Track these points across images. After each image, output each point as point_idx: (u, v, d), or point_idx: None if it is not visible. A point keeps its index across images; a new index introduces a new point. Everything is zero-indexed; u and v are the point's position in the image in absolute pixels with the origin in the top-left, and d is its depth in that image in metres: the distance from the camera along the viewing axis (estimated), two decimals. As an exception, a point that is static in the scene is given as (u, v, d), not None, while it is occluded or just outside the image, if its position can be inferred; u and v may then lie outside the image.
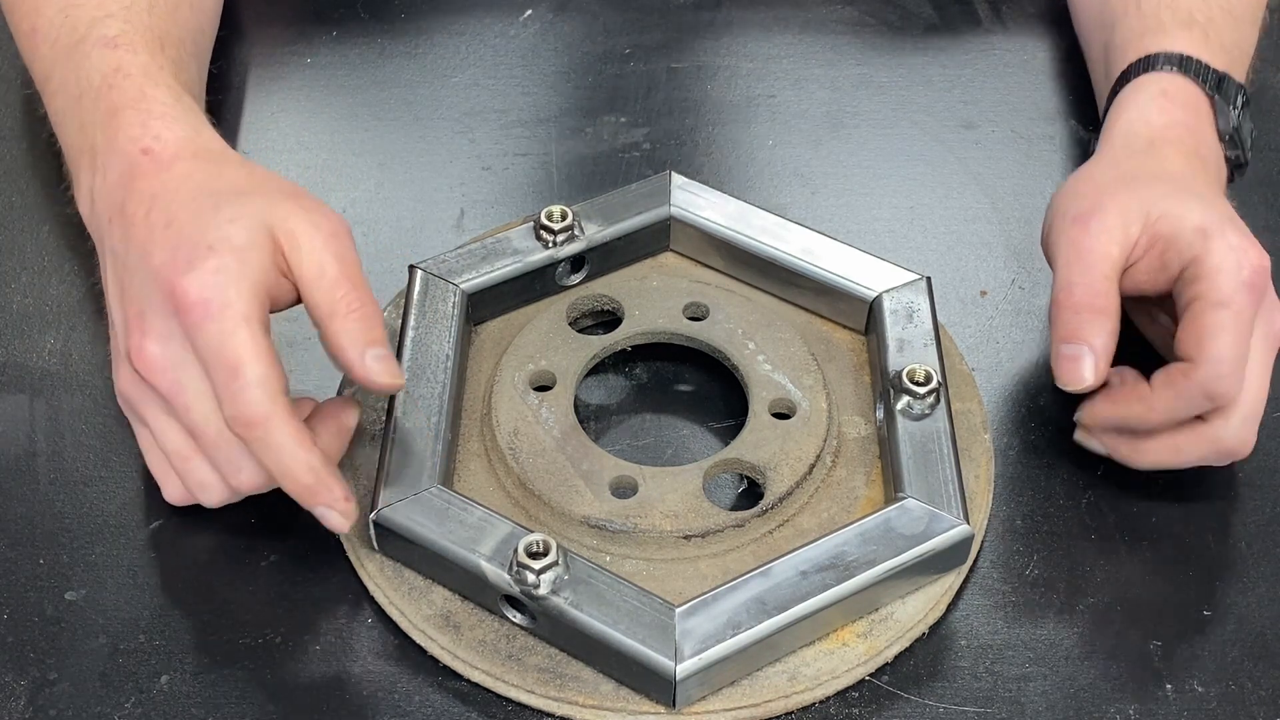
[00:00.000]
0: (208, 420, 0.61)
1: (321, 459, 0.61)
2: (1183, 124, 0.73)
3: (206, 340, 0.59)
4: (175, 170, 0.64)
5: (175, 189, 0.63)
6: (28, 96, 0.88)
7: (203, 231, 0.61)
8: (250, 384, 0.59)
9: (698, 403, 0.73)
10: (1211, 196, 0.70)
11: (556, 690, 0.61)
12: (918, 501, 0.64)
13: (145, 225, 0.62)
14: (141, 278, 0.62)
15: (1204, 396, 0.64)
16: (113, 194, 0.65)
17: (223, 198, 0.63)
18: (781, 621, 0.60)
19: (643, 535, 0.64)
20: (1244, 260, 0.65)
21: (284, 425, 0.60)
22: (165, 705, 0.61)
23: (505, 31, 0.94)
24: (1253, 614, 0.65)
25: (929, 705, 0.62)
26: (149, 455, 0.66)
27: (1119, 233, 0.67)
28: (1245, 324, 0.64)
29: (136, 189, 0.64)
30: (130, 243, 0.63)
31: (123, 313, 0.63)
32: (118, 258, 0.64)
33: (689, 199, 0.76)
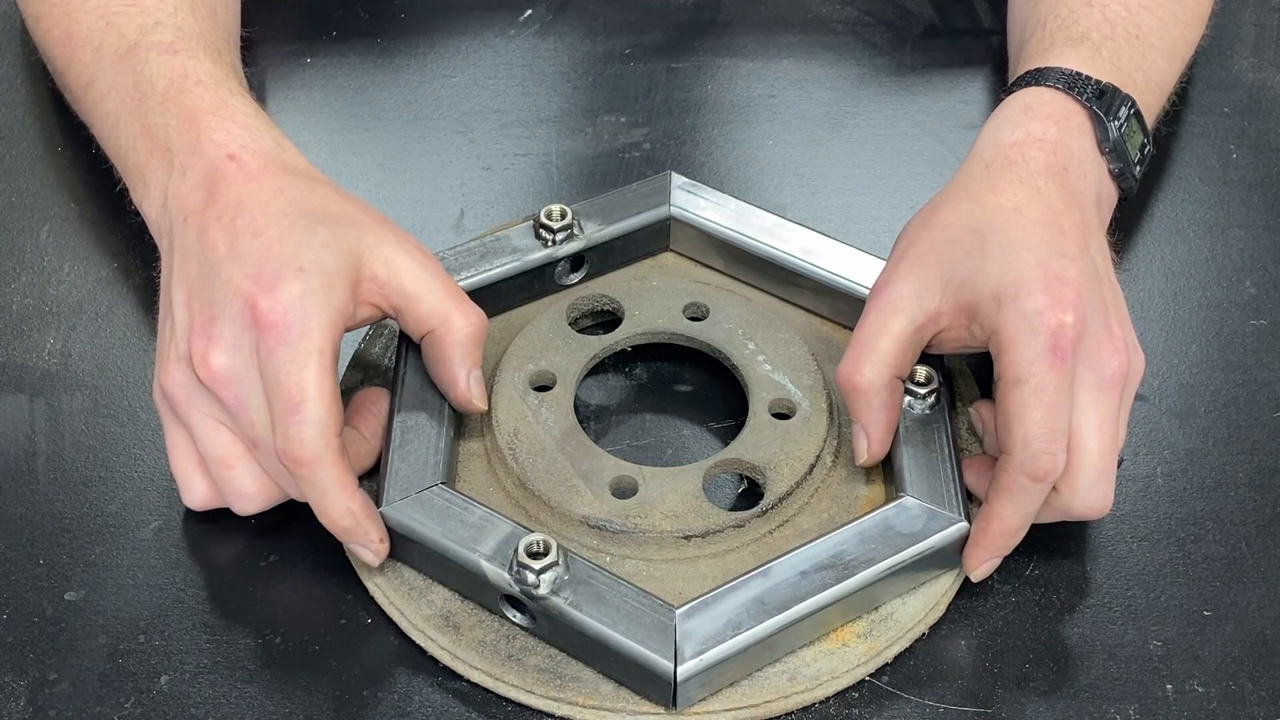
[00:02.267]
0: (270, 435, 0.61)
1: (361, 503, 0.62)
2: (1037, 138, 0.68)
3: (276, 366, 0.60)
4: (264, 182, 0.64)
5: (265, 201, 0.63)
6: (27, 97, 0.88)
7: (294, 251, 0.61)
8: (307, 422, 0.59)
9: (698, 403, 0.73)
10: (1029, 236, 0.64)
11: (556, 690, 0.61)
12: (916, 500, 0.64)
13: (229, 233, 0.62)
14: (218, 284, 0.61)
15: (1031, 481, 0.61)
16: (191, 195, 0.65)
17: (316, 219, 0.63)
18: (781, 621, 0.60)
19: (643, 535, 0.64)
20: (1040, 325, 0.61)
21: (330, 469, 0.60)
22: (165, 705, 0.61)
23: (505, 31, 0.94)
24: (1253, 614, 0.65)
25: (929, 705, 0.62)
26: (176, 456, 0.65)
27: (911, 306, 0.64)
28: (1049, 394, 0.60)
29: (221, 194, 0.64)
30: (209, 247, 0.62)
31: (188, 314, 0.63)
32: (189, 259, 0.63)
33: (689, 199, 0.76)
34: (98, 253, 0.79)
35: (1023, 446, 0.61)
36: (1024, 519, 0.63)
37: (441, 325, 0.64)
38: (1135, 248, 0.81)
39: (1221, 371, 0.75)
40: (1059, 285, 0.62)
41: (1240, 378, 0.75)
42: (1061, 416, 0.61)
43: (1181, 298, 0.78)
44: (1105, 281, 0.65)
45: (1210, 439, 0.72)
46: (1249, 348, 0.76)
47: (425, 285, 0.64)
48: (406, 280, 0.64)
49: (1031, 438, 0.60)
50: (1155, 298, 0.78)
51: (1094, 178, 0.70)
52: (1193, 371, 0.75)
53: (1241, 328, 0.77)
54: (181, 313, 0.63)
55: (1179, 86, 0.82)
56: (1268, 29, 0.95)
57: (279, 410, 0.60)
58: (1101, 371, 0.62)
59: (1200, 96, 0.90)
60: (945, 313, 0.64)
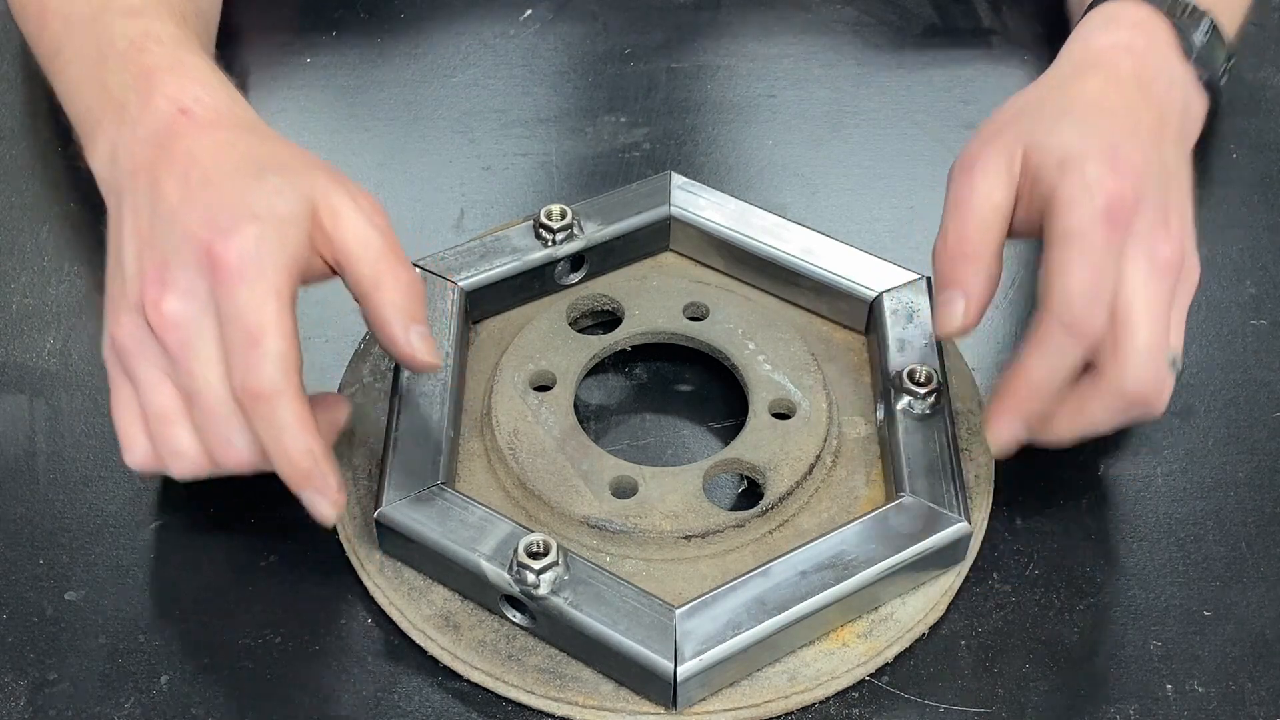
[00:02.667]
0: (210, 385, 0.60)
1: (321, 445, 0.61)
2: (1125, 45, 0.69)
3: (235, 304, 0.59)
4: (216, 135, 0.64)
5: (218, 153, 0.63)
6: (27, 97, 0.88)
7: (247, 199, 0.61)
8: (268, 355, 0.58)
9: (698, 403, 0.73)
10: (1105, 121, 0.64)
11: (556, 690, 0.61)
12: (916, 499, 0.64)
13: (181, 183, 0.62)
14: (170, 233, 0.61)
15: (1065, 334, 0.60)
16: (142, 149, 0.64)
17: (267, 168, 0.63)
18: (781, 621, 0.60)
19: (643, 535, 0.64)
20: (1098, 189, 0.61)
21: (291, 404, 0.59)
22: (165, 705, 0.61)
23: (505, 31, 0.94)
24: (1253, 614, 0.65)
25: (929, 705, 0.62)
26: (121, 413, 0.63)
27: (1003, 175, 0.64)
28: (1096, 254, 0.60)
29: (172, 147, 0.64)
30: (160, 198, 0.62)
31: (139, 264, 0.62)
32: (141, 211, 0.63)
33: (689, 199, 0.76)
34: (98, 253, 0.79)
35: (1061, 299, 0.60)
36: (1052, 377, 0.62)
37: (374, 290, 0.63)
38: (1135, 248, 0.81)
39: (1221, 371, 0.75)
40: (1123, 161, 0.62)
41: (1240, 378, 0.75)
42: (1106, 279, 0.60)
43: (1181, 298, 0.78)
44: (1175, 180, 0.65)
45: (1210, 439, 0.72)
46: (1249, 348, 0.76)
47: (363, 243, 0.62)
48: (349, 235, 0.62)
49: (1073, 292, 0.60)
50: (1155, 298, 0.78)
51: (1180, 87, 0.70)
52: (1193, 371, 0.75)
53: (1241, 328, 0.77)
54: (133, 264, 0.62)
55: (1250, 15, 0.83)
56: (1268, 29, 0.95)
57: (239, 346, 0.59)
58: (1154, 254, 0.62)
59: (1200, 96, 0.90)
60: (1025, 180, 0.64)
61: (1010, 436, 0.63)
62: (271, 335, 0.58)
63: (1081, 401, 0.63)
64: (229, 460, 0.62)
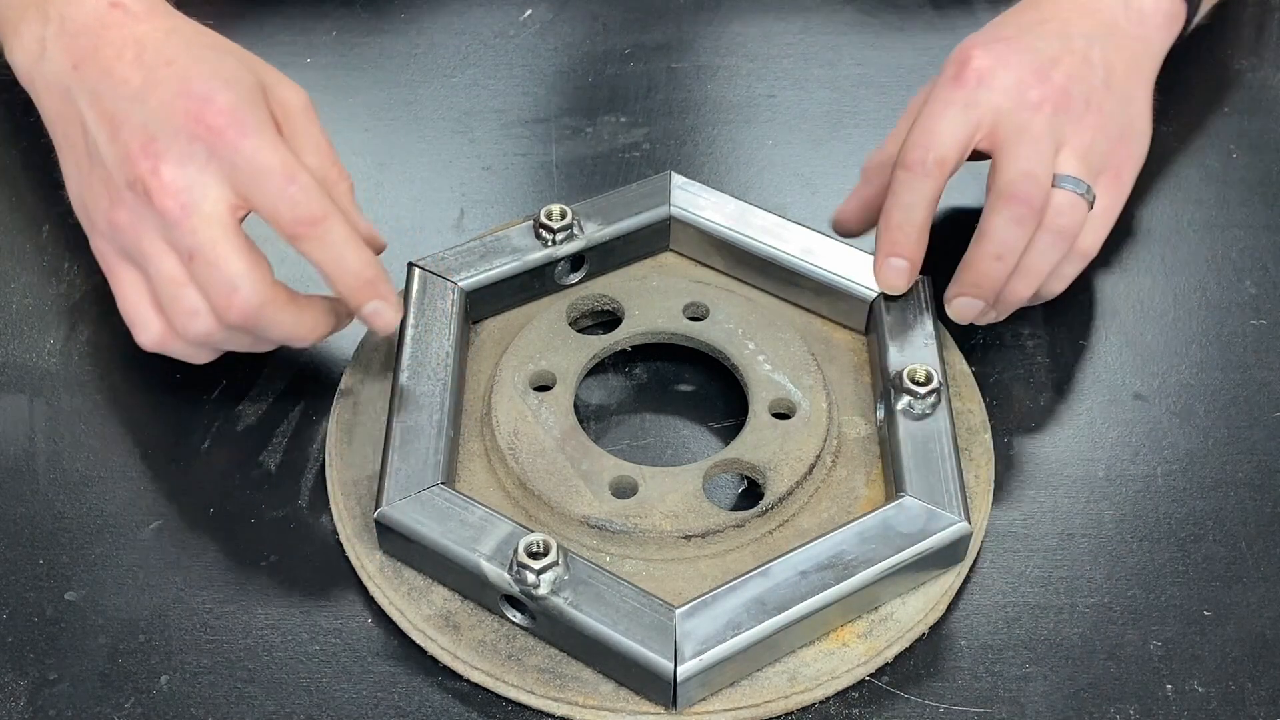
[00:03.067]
0: (213, 239, 0.62)
1: (374, 257, 0.64)
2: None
3: (250, 153, 0.62)
4: (156, 23, 0.67)
5: (164, 38, 0.66)
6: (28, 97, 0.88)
7: (213, 70, 0.64)
8: (308, 186, 0.62)
9: (698, 403, 0.73)
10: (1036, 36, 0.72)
11: (556, 690, 0.61)
12: (916, 499, 0.64)
13: (140, 66, 0.64)
14: (147, 110, 0.63)
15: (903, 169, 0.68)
16: (76, 41, 0.66)
17: (220, 49, 0.66)
18: (781, 621, 0.60)
19: (643, 535, 0.64)
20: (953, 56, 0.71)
21: (342, 222, 0.63)
22: (165, 705, 0.61)
23: (505, 31, 0.94)
24: (1253, 614, 0.65)
25: (929, 705, 0.62)
26: (128, 296, 0.66)
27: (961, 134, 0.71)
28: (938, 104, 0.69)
29: (111, 37, 0.66)
30: (120, 82, 0.64)
31: (118, 146, 0.64)
32: (101, 98, 0.65)
33: (689, 199, 0.76)
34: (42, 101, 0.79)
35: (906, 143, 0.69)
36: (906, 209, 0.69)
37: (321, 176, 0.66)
38: (1135, 248, 0.81)
39: (1221, 371, 0.75)
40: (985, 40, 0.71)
41: (1240, 378, 0.75)
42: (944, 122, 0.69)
43: (1181, 298, 0.79)
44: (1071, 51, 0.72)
45: (1210, 439, 0.72)
46: (1249, 348, 0.76)
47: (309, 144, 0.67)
48: (299, 128, 0.67)
49: (913, 135, 0.69)
50: (1155, 298, 0.78)
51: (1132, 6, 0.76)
52: (1193, 371, 0.75)
53: (1241, 328, 0.77)
54: (110, 147, 0.64)
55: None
56: (1268, 29, 0.95)
57: (276, 188, 0.62)
58: (1024, 97, 0.69)
59: (1200, 96, 0.90)
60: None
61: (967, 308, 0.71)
62: (301, 169, 0.62)
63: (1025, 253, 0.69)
64: (234, 309, 0.63)
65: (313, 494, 0.69)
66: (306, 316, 0.66)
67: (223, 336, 0.66)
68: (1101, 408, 0.73)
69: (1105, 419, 0.73)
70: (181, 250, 0.63)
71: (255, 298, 0.63)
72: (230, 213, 0.63)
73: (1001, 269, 0.69)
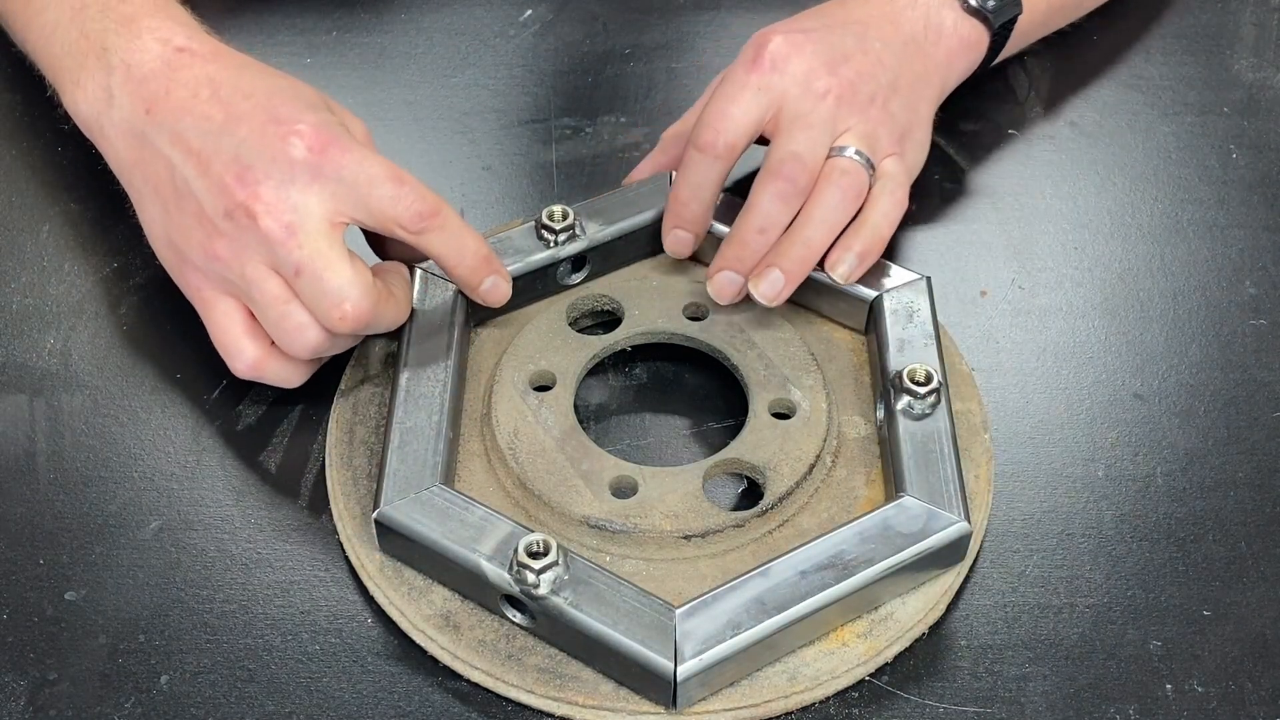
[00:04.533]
0: (319, 252, 0.64)
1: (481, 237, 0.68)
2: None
3: (355, 166, 0.64)
4: (225, 61, 0.69)
5: (237, 74, 0.68)
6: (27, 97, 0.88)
7: (293, 98, 0.66)
8: (417, 184, 0.65)
9: (698, 403, 0.73)
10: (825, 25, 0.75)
11: (556, 690, 0.61)
12: (916, 499, 0.64)
13: (219, 103, 0.66)
14: (236, 141, 0.65)
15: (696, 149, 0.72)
16: (144, 86, 0.68)
17: (290, 81, 0.68)
18: (781, 621, 0.60)
19: (642, 535, 0.64)
20: (749, 45, 0.73)
21: (452, 211, 0.67)
22: (165, 705, 0.61)
23: (505, 31, 0.94)
24: (1253, 614, 0.65)
25: (929, 705, 0.62)
26: (224, 324, 0.67)
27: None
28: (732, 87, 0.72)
29: (182, 78, 0.67)
30: (203, 119, 0.66)
31: (210, 179, 0.65)
32: (185, 136, 0.66)
33: (689, 199, 0.76)
34: (98, 253, 0.79)
35: (700, 123, 0.72)
36: (694, 187, 0.73)
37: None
38: (1135, 248, 0.81)
39: (1221, 371, 0.75)
40: (786, 29, 0.74)
41: (1240, 378, 0.75)
42: (737, 106, 0.72)
43: (1181, 298, 0.79)
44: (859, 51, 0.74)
45: (1210, 439, 0.72)
46: (1249, 348, 0.76)
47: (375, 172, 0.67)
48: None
49: (706, 116, 0.72)
50: (1155, 298, 0.78)
51: (925, 8, 0.79)
52: (1193, 371, 0.75)
53: (1241, 328, 0.77)
54: (202, 182, 0.65)
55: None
56: (1268, 29, 0.95)
57: (389, 194, 0.65)
58: (807, 86, 0.72)
59: (1200, 96, 0.90)
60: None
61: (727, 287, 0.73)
62: (404, 172, 0.65)
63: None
64: (348, 316, 0.65)
65: (313, 494, 0.69)
66: (403, 307, 0.69)
67: (328, 346, 0.67)
68: (1101, 408, 0.73)
69: (1105, 419, 0.73)
70: (287, 269, 0.64)
71: (365, 302, 0.65)
72: (332, 228, 0.65)
73: (763, 242, 0.71)
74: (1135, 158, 0.86)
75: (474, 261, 0.68)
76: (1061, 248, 0.81)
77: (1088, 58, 0.92)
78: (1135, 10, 0.96)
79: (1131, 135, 0.88)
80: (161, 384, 0.73)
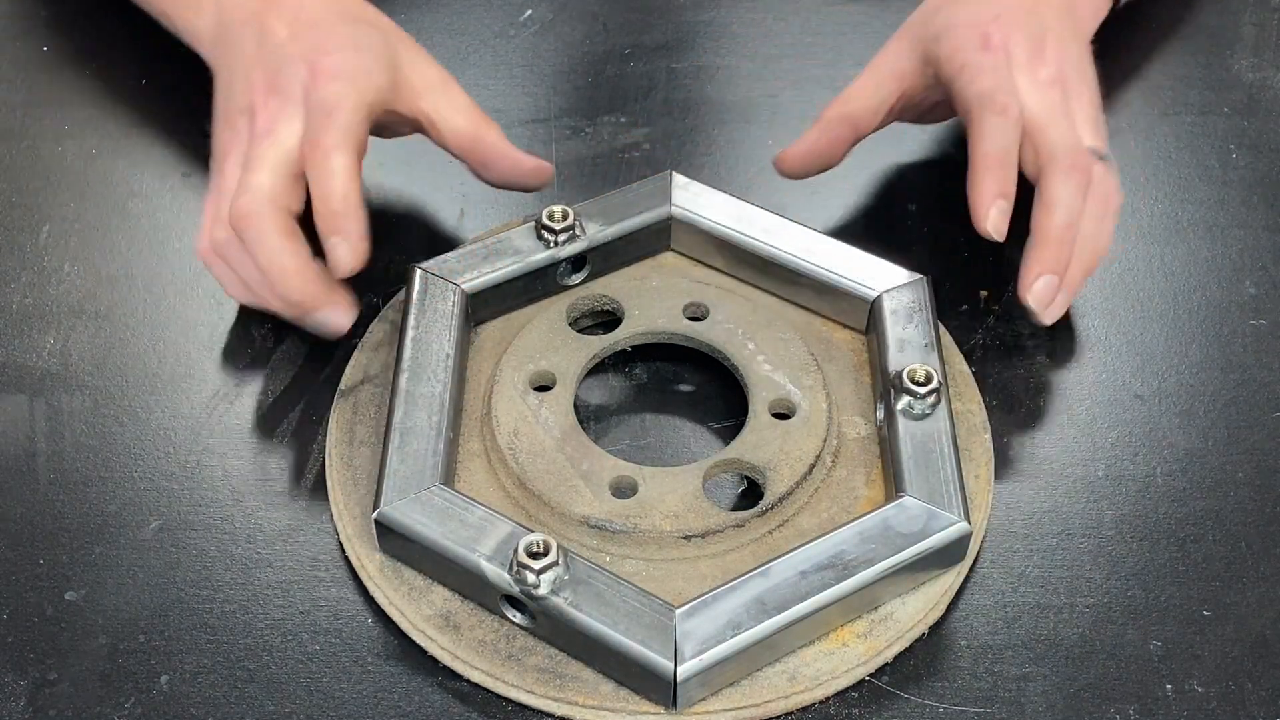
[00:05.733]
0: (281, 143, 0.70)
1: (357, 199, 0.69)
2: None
3: (321, 93, 0.70)
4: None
5: (323, 4, 0.75)
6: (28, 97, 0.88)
7: (349, 38, 0.73)
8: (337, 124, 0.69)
9: (698, 403, 0.73)
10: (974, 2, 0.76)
11: (556, 690, 0.61)
12: (916, 500, 0.64)
13: (289, 24, 0.74)
14: (280, 59, 0.72)
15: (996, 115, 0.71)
16: (247, 5, 0.76)
17: (367, 23, 0.75)
18: (781, 621, 0.60)
19: (643, 535, 0.64)
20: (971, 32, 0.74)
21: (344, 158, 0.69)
22: (165, 705, 0.61)
23: (505, 31, 0.94)
24: (1253, 614, 0.65)
25: (929, 705, 0.62)
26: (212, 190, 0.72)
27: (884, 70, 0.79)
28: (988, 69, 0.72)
29: (277, 1, 0.75)
30: (269, 34, 0.73)
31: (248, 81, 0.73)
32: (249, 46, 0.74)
33: (689, 199, 0.76)
34: (98, 253, 0.79)
35: (977, 98, 0.71)
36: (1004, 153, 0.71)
37: (474, 138, 0.75)
38: (1135, 248, 0.81)
39: (1221, 371, 0.75)
40: (991, 12, 0.74)
41: (1240, 378, 0.75)
42: (1006, 79, 0.72)
43: (1181, 298, 0.79)
44: (1050, 30, 0.75)
45: (1210, 439, 0.72)
46: (1249, 348, 0.76)
47: (453, 106, 0.75)
48: (440, 99, 0.75)
49: (985, 89, 0.71)
50: (1155, 298, 0.78)
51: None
52: (1193, 371, 0.75)
53: (1241, 328, 0.77)
54: (242, 82, 0.73)
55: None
56: (1268, 29, 0.95)
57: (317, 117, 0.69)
58: (1035, 76, 0.73)
59: (1200, 96, 0.90)
60: (910, 71, 0.77)
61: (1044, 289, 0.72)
62: (343, 113, 0.69)
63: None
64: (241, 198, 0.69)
65: (313, 494, 0.69)
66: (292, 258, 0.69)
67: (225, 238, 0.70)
68: (1101, 408, 0.73)
69: (1105, 419, 0.73)
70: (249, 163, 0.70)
71: (256, 202, 0.68)
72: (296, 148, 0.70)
73: (1071, 238, 0.71)
74: (1135, 158, 0.86)
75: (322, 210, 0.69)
76: (1061, 248, 0.81)
77: (1088, 58, 0.92)
78: (1135, 10, 0.96)
79: (1131, 135, 0.88)
80: (161, 384, 0.73)
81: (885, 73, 0.78)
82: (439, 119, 0.75)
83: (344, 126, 0.69)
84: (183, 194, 0.83)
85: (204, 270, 0.76)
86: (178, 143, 0.85)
